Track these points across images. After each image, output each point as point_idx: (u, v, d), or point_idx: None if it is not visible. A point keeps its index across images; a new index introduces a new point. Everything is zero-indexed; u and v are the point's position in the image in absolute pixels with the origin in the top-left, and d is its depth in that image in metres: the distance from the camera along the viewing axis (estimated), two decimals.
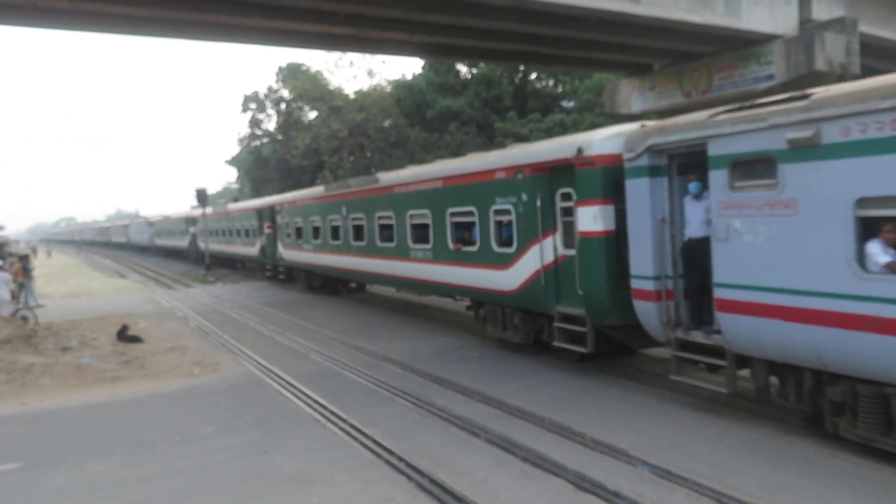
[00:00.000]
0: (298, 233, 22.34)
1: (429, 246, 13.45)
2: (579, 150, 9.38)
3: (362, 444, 7.56)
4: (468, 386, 9.71)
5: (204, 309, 20.39)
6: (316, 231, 20.50)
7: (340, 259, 18.67)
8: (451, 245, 12.61)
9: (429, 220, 13.41)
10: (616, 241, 9.05)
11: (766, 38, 21.94)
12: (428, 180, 13.64)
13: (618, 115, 28.36)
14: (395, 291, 20.15)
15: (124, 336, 14.82)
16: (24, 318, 16.15)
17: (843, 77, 19.20)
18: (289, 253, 23.98)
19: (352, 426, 8.13)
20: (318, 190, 21.21)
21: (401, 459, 6.93)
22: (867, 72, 15.51)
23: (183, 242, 43.53)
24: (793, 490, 5.86)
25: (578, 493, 6.01)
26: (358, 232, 17.27)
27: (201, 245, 37.76)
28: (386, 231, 15.57)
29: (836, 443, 6.81)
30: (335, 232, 19.00)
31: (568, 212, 9.87)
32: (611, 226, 9.09)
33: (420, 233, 14.03)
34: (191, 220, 41.06)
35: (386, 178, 15.81)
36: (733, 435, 7.22)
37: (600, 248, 9.13)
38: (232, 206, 34.71)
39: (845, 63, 21.01)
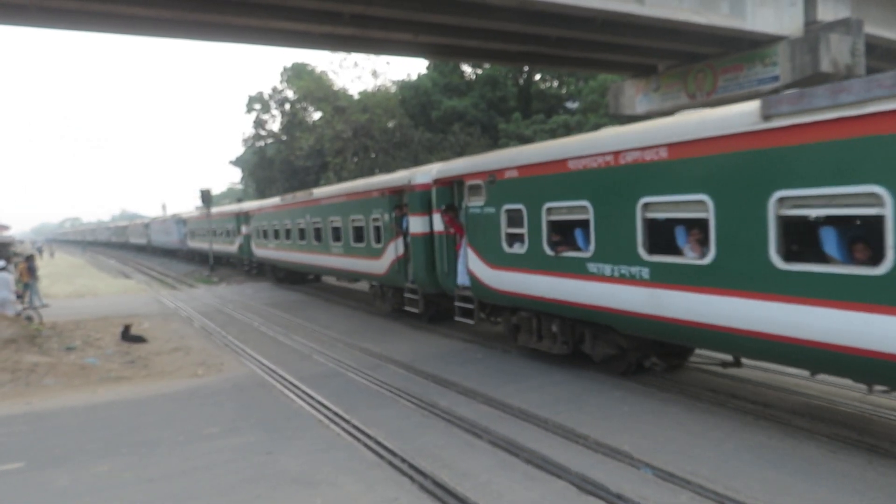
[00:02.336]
0: (547, 233, 10.06)
1: None
2: None
3: (366, 445, 7.56)
4: (471, 387, 9.70)
5: (208, 310, 20.43)
6: (652, 231, 8.35)
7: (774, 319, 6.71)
8: None
9: None
10: None
11: (772, 40, 21.93)
12: None
13: (622, 116, 28.38)
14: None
15: (128, 336, 14.86)
16: (29, 318, 16.21)
17: (849, 78, 19.15)
18: (507, 277, 11.11)
19: (355, 427, 8.13)
20: (633, 132, 8.58)
21: (404, 461, 6.93)
22: (874, 73, 15.45)
23: (231, 247, 32.84)
24: (797, 493, 5.83)
25: (581, 496, 6.00)
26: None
27: (257, 251, 28.36)
28: None
29: (839, 445, 6.81)
30: (735, 230, 7.09)
31: None
32: None
33: None
34: (243, 217, 30.36)
35: None
36: (737, 437, 7.19)
37: None
38: (320, 191, 20.84)
39: (851, 64, 21.00)
